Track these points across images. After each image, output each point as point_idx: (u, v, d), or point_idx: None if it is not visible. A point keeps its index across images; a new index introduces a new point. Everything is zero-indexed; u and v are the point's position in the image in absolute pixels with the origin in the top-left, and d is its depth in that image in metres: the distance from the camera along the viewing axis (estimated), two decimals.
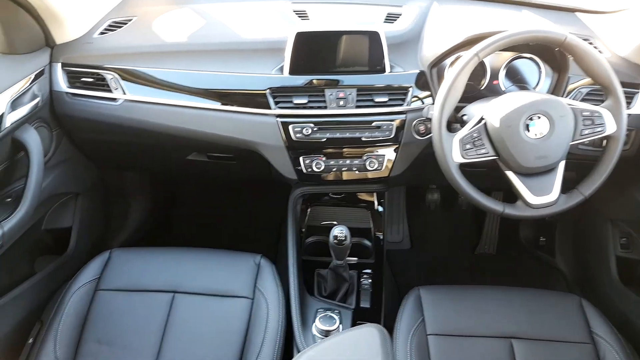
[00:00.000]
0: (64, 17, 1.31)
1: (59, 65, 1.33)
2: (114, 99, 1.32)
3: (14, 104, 1.19)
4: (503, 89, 1.30)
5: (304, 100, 1.25)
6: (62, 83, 1.33)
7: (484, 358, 1.10)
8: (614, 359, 1.08)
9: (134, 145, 1.48)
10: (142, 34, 1.42)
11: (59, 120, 1.38)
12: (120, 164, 1.70)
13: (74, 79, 1.33)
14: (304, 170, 1.32)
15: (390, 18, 1.42)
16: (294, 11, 1.47)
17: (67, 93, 1.33)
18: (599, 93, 1.25)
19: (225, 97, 1.28)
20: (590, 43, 1.34)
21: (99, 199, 1.71)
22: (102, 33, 1.42)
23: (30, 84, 1.24)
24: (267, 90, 1.26)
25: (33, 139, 1.24)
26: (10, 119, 1.16)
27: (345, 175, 1.35)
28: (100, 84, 1.32)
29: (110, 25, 1.44)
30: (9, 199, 1.25)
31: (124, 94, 1.31)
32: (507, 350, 1.11)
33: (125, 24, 1.45)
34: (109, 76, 1.31)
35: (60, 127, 1.40)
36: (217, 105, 1.29)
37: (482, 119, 1.08)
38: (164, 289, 1.21)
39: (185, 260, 1.30)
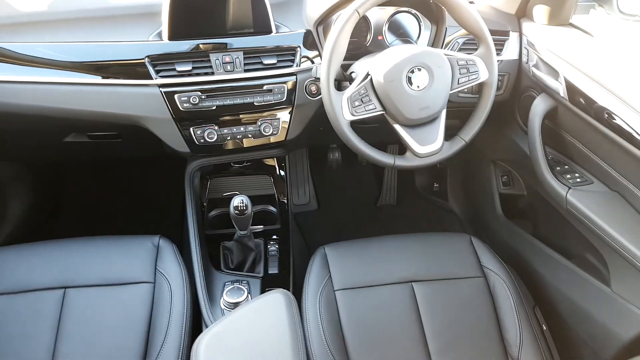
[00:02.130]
0: None
1: None
2: None
3: None
4: (387, 43, 1.32)
5: (187, 67, 1.18)
6: None
7: (388, 304, 1.15)
8: (502, 286, 1.19)
9: None
10: None
11: None
12: None
13: None
14: (196, 142, 1.26)
15: None
16: None
17: None
18: (473, 42, 1.32)
19: (100, 69, 1.17)
20: None
21: None
22: None
23: None
24: (146, 59, 1.17)
25: None
26: None
27: (242, 143, 1.31)
28: None
29: None
30: None
31: None
32: (409, 294, 1.17)
33: None
34: None
35: None
36: (92, 79, 1.18)
37: (368, 75, 1.10)
38: (54, 285, 1.11)
39: (77, 251, 1.20)
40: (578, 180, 1.24)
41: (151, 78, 1.18)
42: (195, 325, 1.16)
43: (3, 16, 1.21)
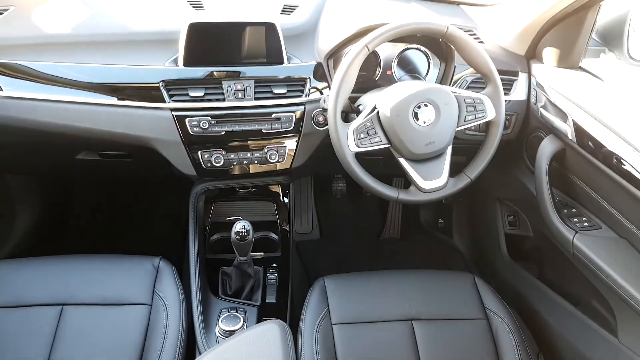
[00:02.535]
0: None
1: None
2: None
3: None
4: (396, 78, 1.34)
5: (200, 93, 1.21)
6: None
7: (387, 342, 1.12)
8: (504, 330, 1.15)
9: (14, 146, 1.35)
10: (21, 25, 1.29)
11: None
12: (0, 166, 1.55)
13: None
14: (203, 166, 1.28)
15: (287, 10, 1.42)
16: (188, 1, 1.42)
17: None
18: (481, 81, 1.33)
19: (115, 91, 1.21)
20: (474, 34, 1.42)
21: None
22: None
23: None
24: (161, 83, 1.20)
25: None
26: None
27: (248, 169, 1.32)
28: None
29: None
30: None
31: (1, 90, 1.18)
32: (409, 332, 1.14)
33: (1, 14, 1.32)
34: None
35: None
36: (107, 100, 1.21)
37: (374, 108, 1.11)
38: (51, 302, 1.11)
39: (77, 268, 1.21)
40: (585, 224, 1.22)
41: (164, 102, 1.20)
42: (189, 351, 1.14)
43: (29, 37, 1.26)
